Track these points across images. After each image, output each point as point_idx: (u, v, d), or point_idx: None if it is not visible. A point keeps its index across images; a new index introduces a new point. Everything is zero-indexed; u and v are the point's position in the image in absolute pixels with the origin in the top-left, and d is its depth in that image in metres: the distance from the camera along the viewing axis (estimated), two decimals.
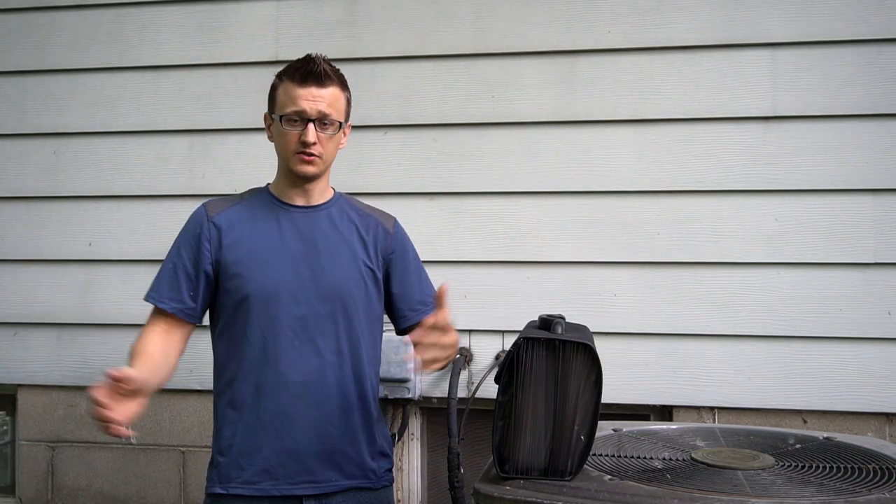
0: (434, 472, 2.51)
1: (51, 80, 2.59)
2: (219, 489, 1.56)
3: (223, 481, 1.56)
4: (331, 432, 1.57)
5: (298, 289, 1.57)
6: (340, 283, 1.60)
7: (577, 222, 2.35)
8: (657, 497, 1.22)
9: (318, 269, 1.59)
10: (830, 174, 2.23)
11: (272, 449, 1.54)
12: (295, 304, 1.56)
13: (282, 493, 1.55)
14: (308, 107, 1.55)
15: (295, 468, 1.55)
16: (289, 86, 1.57)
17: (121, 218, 2.54)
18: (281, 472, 1.55)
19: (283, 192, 1.64)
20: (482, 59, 2.40)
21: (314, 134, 1.55)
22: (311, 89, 1.55)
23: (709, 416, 2.28)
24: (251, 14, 2.51)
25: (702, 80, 2.30)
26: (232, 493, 1.55)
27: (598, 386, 1.31)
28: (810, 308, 2.23)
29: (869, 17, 2.23)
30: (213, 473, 1.59)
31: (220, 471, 1.57)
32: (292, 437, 1.55)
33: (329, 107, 1.57)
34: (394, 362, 2.26)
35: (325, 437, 1.56)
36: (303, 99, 1.55)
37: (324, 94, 1.56)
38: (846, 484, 1.31)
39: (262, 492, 1.54)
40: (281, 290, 1.56)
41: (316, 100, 1.55)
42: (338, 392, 1.58)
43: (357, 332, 1.61)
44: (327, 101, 1.57)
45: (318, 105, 1.56)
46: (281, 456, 1.54)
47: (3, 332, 2.58)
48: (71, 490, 2.55)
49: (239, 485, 1.55)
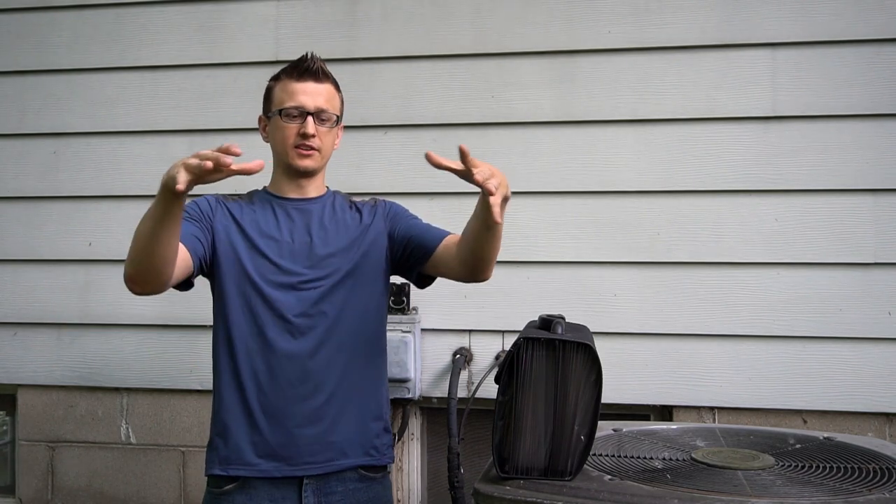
0: (434, 472, 2.51)
1: (51, 80, 2.59)
2: (218, 470, 1.58)
3: (223, 462, 1.58)
4: (331, 413, 1.58)
5: (296, 275, 1.59)
6: (338, 270, 1.61)
7: (577, 222, 2.35)
8: (657, 497, 1.23)
9: (314, 257, 1.61)
10: (830, 174, 2.23)
11: (271, 432, 1.55)
12: (293, 288, 1.58)
13: (283, 474, 1.56)
14: (306, 101, 1.59)
15: (294, 450, 1.56)
16: (286, 83, 1.62)
17: (121, 218, 2.54)
18: (282, 453, 1.56)
19: (280, 188, 1.68)
20: (482, 59, 2.40)
21: (313, 126, 1.59)
22: (309, 84, 1.61)
23: (709, 416, 2.28)
24: (251, 14, 2.51)
25: (702, 80, 2.30)
26: (231, 474, 1.57)
27: (598, 386, 1.31)
28: (810, 308, 2.23)
29: (869, 16, 2.23)
30: (213, 455, 1.60)
31: (220, 453, 1.58)
32: (292, 418, 1.56)
33: (326, 102, 1.62)
34: (394, 362, 2.26)
35: (326, 417, 1.57)
36: (301, 93, 1.60)
37: (321, 90, 1.62)
38: (846, 484, 1.31)
39: (264, 473, 1.56)
40: (279, 277, 1.58)
41: (313, 94, 1.60)
42: (339, 372, 1.59)
43: (357, 314, 1.62)
44: (324, 96, 1.62)
45: (316, 100, 1.60)
46: (281, 438, 1.55)
47: (3, 332, 2.58)
48: (71, 490, 2.55)
49: (240, 466, 1.56)
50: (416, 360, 2.34)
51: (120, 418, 2.54)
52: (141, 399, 2.53)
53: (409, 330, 2.33)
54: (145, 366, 2.51)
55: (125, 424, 2.53)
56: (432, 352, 2.39)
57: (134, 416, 2.53)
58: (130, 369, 2.51)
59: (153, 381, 2.50)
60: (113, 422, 2.54)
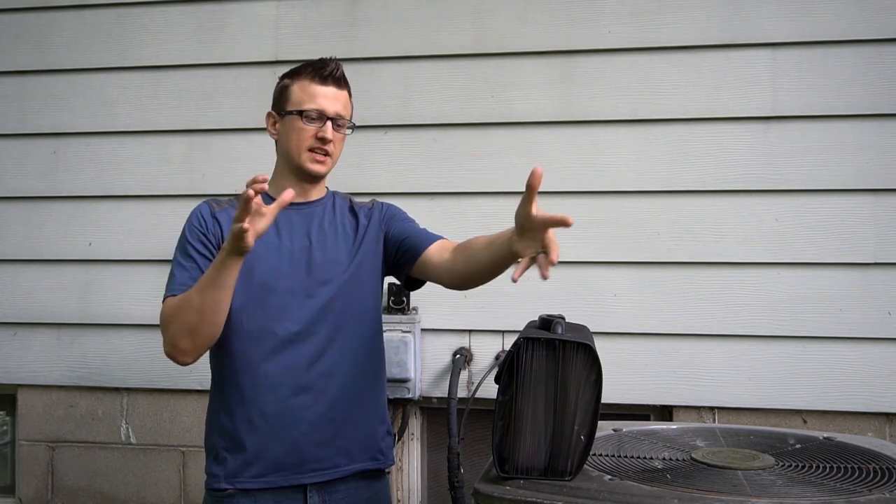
0: (434, 472, 2.51)
1: (51, 80, 2.59)
2: (225, 485, 1.55)
3: (229, 478, 1.55)
4: (336, 420, 1.58)
5: (296, 281, 1.58)
6: (337, 274, 1.61)
7: (577, 222, 2.30)
8: (657, 497, 1.22)
9: (314, 262, 1.60)
10: (830, 174, 2.23)
11: (277, 441, 1.55)
12: (293, 296, 1.58)
13: (290, 482, 1.56)
14: (328, 105, 1.60)
15: (301, 457, 1.55)
16: (307, 84, 1.61)
17: (121, 218, 2.54)
18: (288, 462, 1.55)
19: (282, 190, 1.64)
20: (482, 59, 2.40)
21: (332, 131, 1.60)
22: (331, 89, 1.62)
23: (709, 416, 2.28)
24: (251, 14, 2.51)
25: (702, 80, 2.30)
26: (239, 487, 1.55)
27: (598, 386, 1.31)
28: (810, 308, 2.23)
29: (869, 17, 2.23)
30: (218, 469, 1.57)
31: (227, 467, 1.56)
32: (297, 427, 1.55)
33: (344, 108, 1.64)
34: (394, 362, 2.26)
35: (331, 424, 1.57)
36: (323, 97, 1.60)
37: (340, 96, 1.63)
38: (846, 484, 1.31)
39: (271, 483, 1.55)
40: (279, 283, 1.58)
41: (334, 100, 1.62)
42: (341, 379, 1.59)
43: (357, 319, 1.62)
44: (342, 102, 1.64)
45: (336, 105, 1.62)
46: (287, 447, 1.55)
47: (3, 332, 2.58)
48: (71, 490, 2.55)
49: (247, 479, 1.55)
50: (416, 360, 2.34)
51: (120, 418, 2.54)
52: (141, 399, 2.53)
53: (409, 330, 2.33)
54: (145, 366, 2.51)
55: (125, 424, 2.53)
56: (432, 352, 2.39)
57: (134, 416, 2.53)
58: (130, 369, 2.51)
59: (153, 381, 2.50)
60: (113, 422, 2.54)
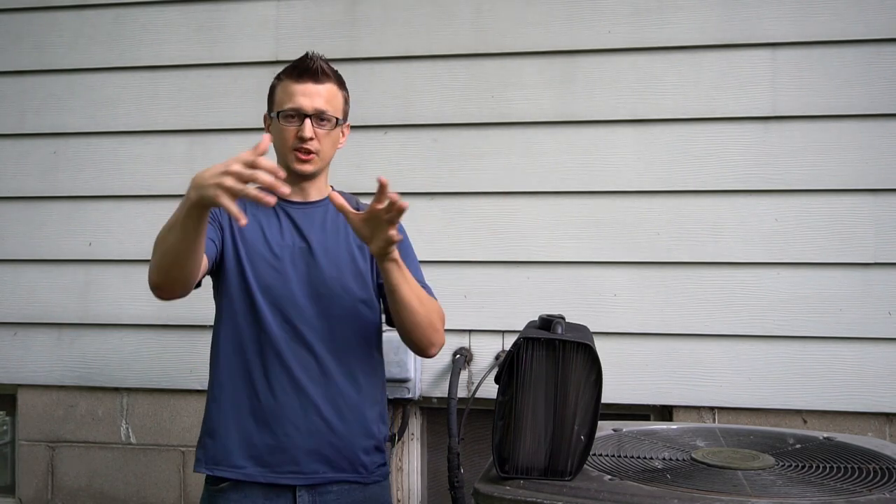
0: (434, 472, 2.51)
1: (51, 80, 2.59)
2: (204, 469, 1.59)
3: (209, 462, 1.59)
4: (321, 426, 1.57)
5: (294, 282, 1.58)
6: (335, 277, 1.60)
7: (577, 222, 2.35)
8: (657, 497, 1.22)
9: (314, 265, 1.60)
10: (830, 174, 2.23)
11: (260, 437, 1.56)
12: (290, 296, 1.58)
13: (268, 480, 1.56)
14: (304, 102, 1.57)
15: (281, 458, 1.56)
16: (286, 83, 1.60)
17: (121, 218, 2.54)
18: (269, 460, 1.56)
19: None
20: (482, 59, 2.40)
21: (311, 129, 1.57)
22: (308, 85, 1.57)
23: (709, 416, 2.28)
24: (251, 14, 2.51)
25: (702, 80, 2.30)
26: (217, 475, 1.58)
27: (598, 386, 1.31)
28: (810, 308, 2.23)
29: (869, 17, 2.23)
30: (201, 454, 1.61)
31: (208, 452, 1.59)
32: (281, 427, 1.55)
33: (326, 103, 1.59)
34: (394, 362, 2.26)
35: (315, 430, 1.56)
36: (299, 95, 1.57)
37: (320, 91, 1.58)
38: (846, 484, 1.31)
39: (249, 476, 1.56)
40: (277, 283, 1.58)
41: (312, 95, 1.57)
42: (330, 385, 1.58)
43: (353, 324, 1.62)
44: (324, 97, 1.59)
45: (315, 101, 1.57)
46: (268, 445, 1.56)
47: (3, 332, 2.58)
48: (71, 490, 2.55)
49: (226, 468, 1.57)
50: (415, 360, 2.34)
51: (120, 418, 2.54)
52: (141, 399, 2.53)
53: None
54: (145, 366, 2.51)
55: (125, 424, 2.53)
56: None
57: (134, 416, 2.53)
58: (130, 369, 2.52)
59: (153, 381, 2.50)
60: (113, 422, 2.54)
